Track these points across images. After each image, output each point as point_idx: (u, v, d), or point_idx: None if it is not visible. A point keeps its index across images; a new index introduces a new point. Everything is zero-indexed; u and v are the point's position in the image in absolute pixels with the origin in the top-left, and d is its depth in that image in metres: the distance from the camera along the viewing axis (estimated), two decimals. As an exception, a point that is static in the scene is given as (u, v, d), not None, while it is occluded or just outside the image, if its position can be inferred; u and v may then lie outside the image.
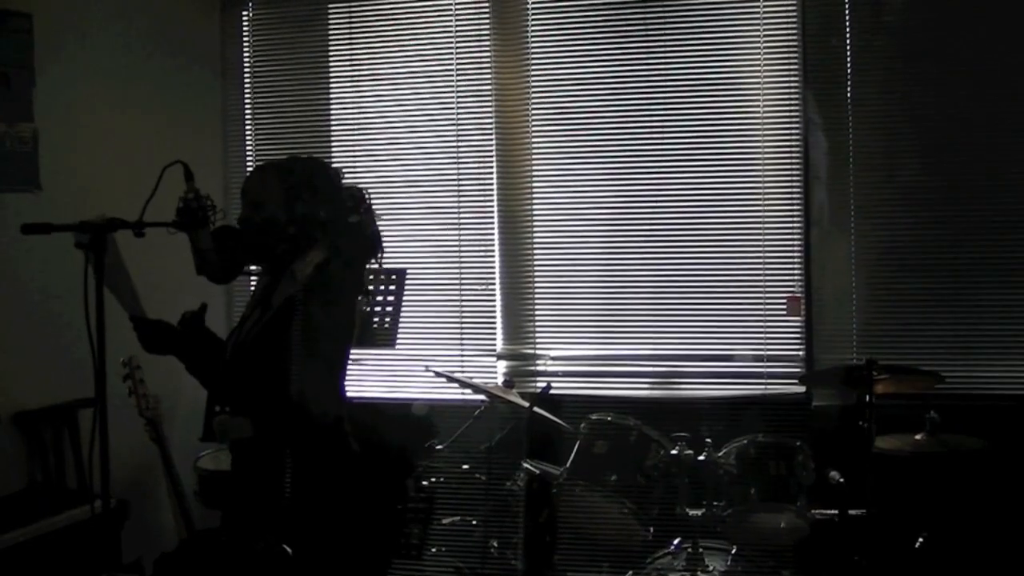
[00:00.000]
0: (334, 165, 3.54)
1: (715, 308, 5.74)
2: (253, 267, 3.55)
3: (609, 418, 5.08)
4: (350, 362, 3.44)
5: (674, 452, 4.88)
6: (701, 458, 4.89)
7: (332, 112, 6.34)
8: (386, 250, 3.48)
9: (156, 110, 5.88)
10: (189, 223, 3.18)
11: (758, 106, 5.65)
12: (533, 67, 5.96)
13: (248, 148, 6.49)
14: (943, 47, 5.42)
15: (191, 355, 3.35)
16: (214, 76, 6.44)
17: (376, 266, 3.44)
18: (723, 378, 5.71)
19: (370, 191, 3.49)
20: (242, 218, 3.40)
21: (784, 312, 5.64)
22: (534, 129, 5.96)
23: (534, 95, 5.96)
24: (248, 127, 6.49)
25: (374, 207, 3.45)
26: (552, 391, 5.38)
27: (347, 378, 3.43)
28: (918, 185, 5.47)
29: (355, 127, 6.28)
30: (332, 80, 6.34)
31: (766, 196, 5.66)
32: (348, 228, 3.37)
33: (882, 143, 5.53)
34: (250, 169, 6.39)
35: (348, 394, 3.45)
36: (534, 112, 5.97)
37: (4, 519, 4.58)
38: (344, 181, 3.46)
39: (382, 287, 5.05)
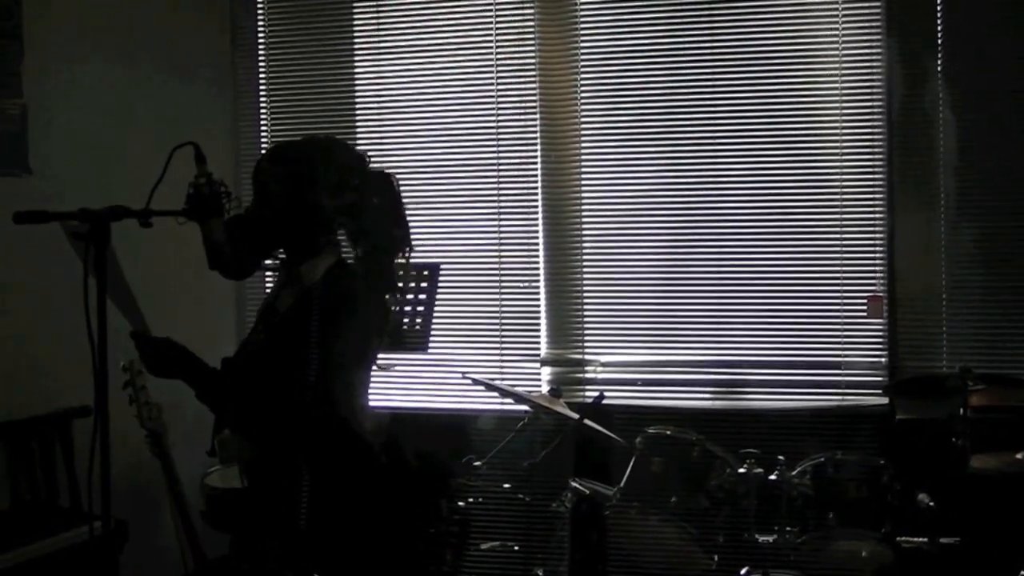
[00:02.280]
0: (358, 147, 3.50)
1: (786, 309, 5.70)
2: (272, 262, 3.51)
3: (668, 432, 5.05)
4: (375, 368, 3.39)
5: (741, 470, 4.85)
6: (772, 477, 4.85)
7: (357, 88, 6.33)
8: (418, 244, 3.43)
9: (160, 84, 5.88)
10: (201, 212, 3.14)
11: (835, 81, 5.59)
12: (582, 40, 5.92)
13: (262, 128, 6.50)
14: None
15: (205, 379, 3.29)
16: (225, 47, 6.44)
17: (404, 261, 3.40)
18: (796, 388, 5.67)
19: (399, 177, 3.44)
20: (251, 207, 3.36)
21: (864, 314, 5.59)
22: (583, 109, 5.93)
23: (583, 70, 5.93)
24: (263, 104, 6.49)
25: (403, 194, 3.40)
26: (604, 401, 5.34)
27: (373, 386, 3.39)
28: (1017, 170, 5.39)
29: (382, 106, 6.27)
30: (357, 52, 6.33)
31: (843, 184, 5.61)
32: (374, 218, 3.33)
33: (975, 124, 5.45)
34: (263, 152, 6.41)
35: (375, 404, 3.41)
36: (583, 90, 5.93)
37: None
38: (370, 165, 3.41)
39: (412, 284, 5.03)
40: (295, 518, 3.21)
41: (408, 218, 3.43)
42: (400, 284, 3.40)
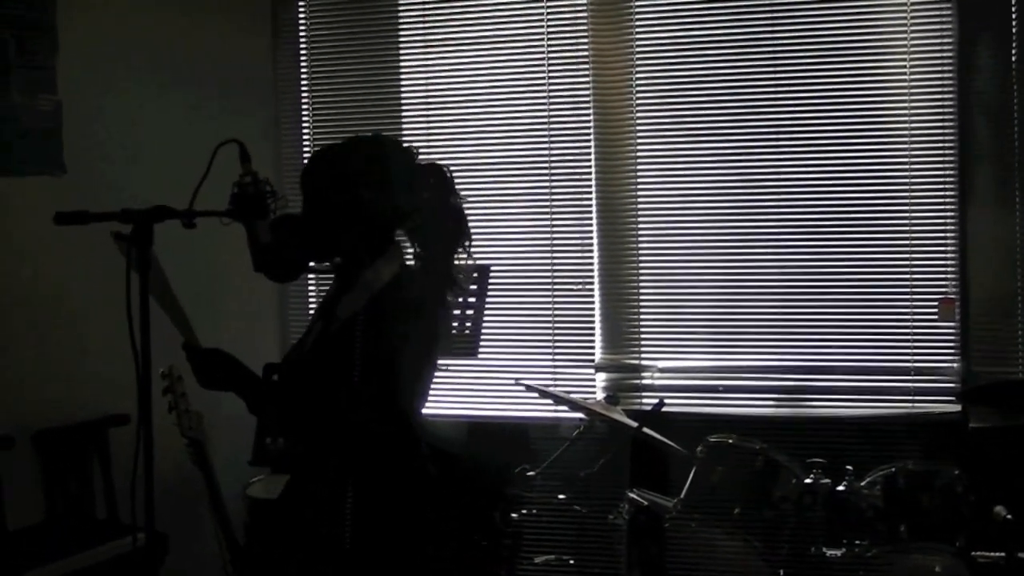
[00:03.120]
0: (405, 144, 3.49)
1: (854, 312, 5.65)
2: (324, 264, 3.51)
3: (730, 440, 5.02)
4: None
5: (808, 481, 4.81)
6: (840, 488, 4.81)
7: (402, 82, 6.33)
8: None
9: (198, 80, 5.90)
10: (246, 212, 3.14)
11: (904, 75, 5.54)
12: (637, 30, 5.90)
13: (304, 125, 6.51)
14: None
15: (258, 391, 3.29)
16: (266, 41, 6.46)
17: (465, 256, 3.39)
18: (864, 394, 5.62)
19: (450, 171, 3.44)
20: (305, 211, 3.36)
21: (935, 317, 5.54)
22: (638, 103, 5.91)
23: (638, 62, 5.90)
24: (304, 100, 6.50)
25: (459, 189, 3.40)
26: (664, 408, 5.32)
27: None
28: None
29: (428, 102, 6.26)
30: (402, 45, 6.33)
31: (912, 179, 5.56)
32: (432, 214, 3.32)
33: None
34: (306, 149, 6.42)
35: (426, 412, 3.41)
36: (638, 82, 5.91)
37: (21, 557, 4.59)
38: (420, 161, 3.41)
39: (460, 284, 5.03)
40: (341, 531, 3.22)
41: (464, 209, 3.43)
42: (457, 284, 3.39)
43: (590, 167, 5.98)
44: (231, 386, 3.21)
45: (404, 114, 6.31)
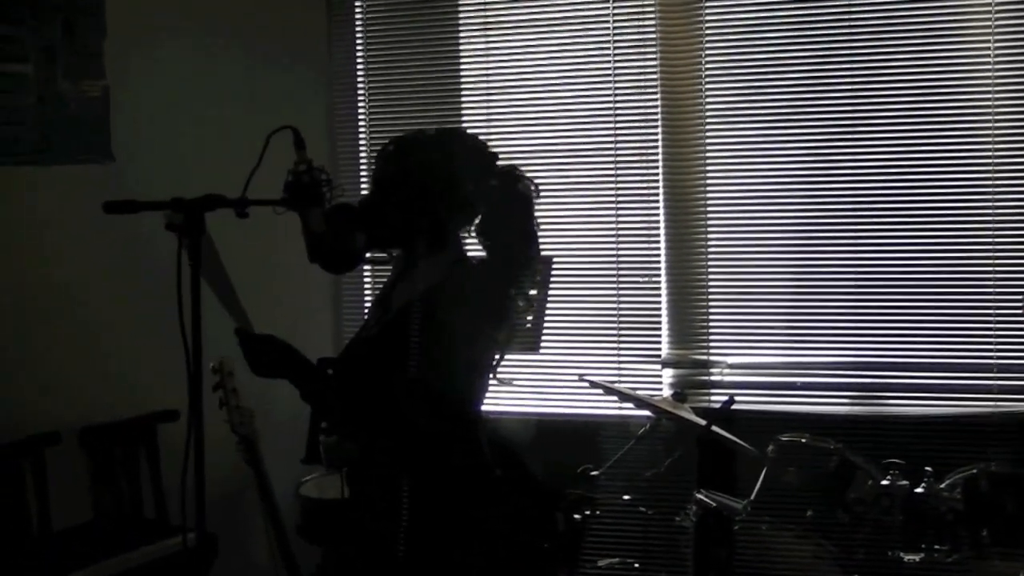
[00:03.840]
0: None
1: (934, 305, 5.60)
2: (375, 255, 3.52)
3: (803, 440, 5.01)
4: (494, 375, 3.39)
5: (885, 483, 4.79)
6: (919, 491, 4.77)
7: (462, 69, 6.34)
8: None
9: (251, 64, 5.93)
10: (301, 201, 3.15)
11: (987, 60, 5.47)
12: (707, 12, 5.86)
13: (360, 112, 6.52)
14: None
15: (312, 379, 3.30)
16: (321, 24, 6.47)
17: (535, 259, 3.39)
18: (945, 392, 5.56)
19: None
20: (371, 198, 3.37)
21: (1020, 312, 5.47)
22: (708, 88, 5.88)
23: (708, 45, 5.87)
24: (360, 85, 6.51)
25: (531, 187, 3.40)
26: (734, 406, 5.30)
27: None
28: None
29: (489, 87, 6.26)
30: (462, 30, 6.33)
31: (997, 170, 5.49)
32: (504, 214, 3.32)
33: None
34: (362, 137, 6.43)
35: (485, 408, 3.41)
36: (708, 67, 5.88)
37: (67, 557, 4.62)
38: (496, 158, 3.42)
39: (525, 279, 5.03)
40: (396, 530, 3.22)
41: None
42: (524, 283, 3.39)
43: (657, 154, 5.96)
44: (285, 372, 3.21)
45: (464, 99, 6.31)
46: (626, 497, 5.39)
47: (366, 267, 6.17)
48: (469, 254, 3.40)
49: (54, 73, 4.99)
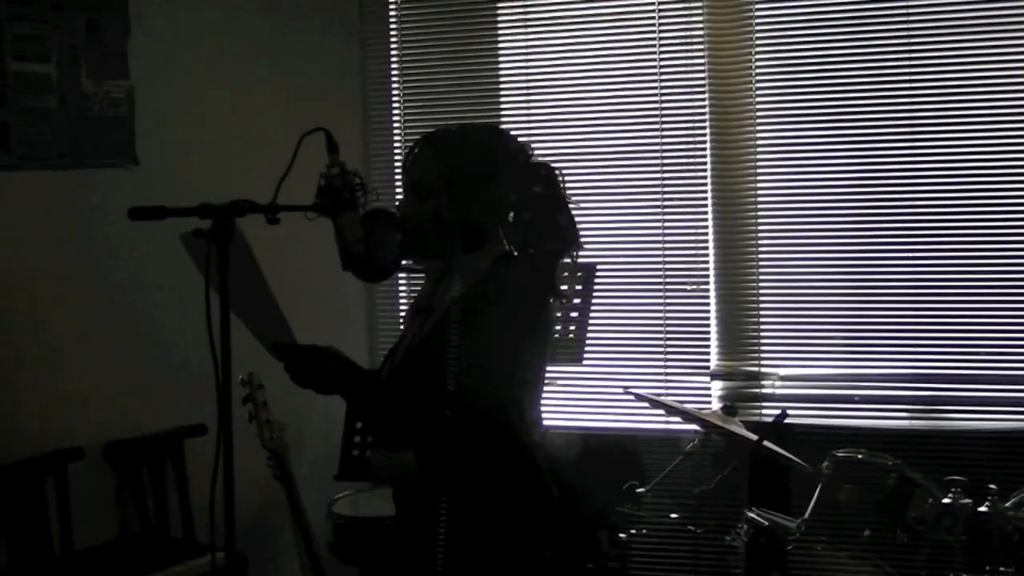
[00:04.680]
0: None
1: (996, 315, 5.58)
2: (411, 263, 3.52)
3: (860, 456, 4.97)
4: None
5: (946, 501, 4.73)
6: (982, 509, 4.71)
7: (501, 65, 6.34)
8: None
9: (281, 64, 5.95)
10: (334, 206, 3.15)
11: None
12: (757, 8, 5.85)
13: (395, 113, 6.53)
14: None
15: (363, 387, 3.29)
16: (353, 21, 6.50)
17: (571, 262, 3.38)
18: (1009, 406, 5.55)
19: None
20: (403, 204, 3.37)
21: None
22: (759, 87, 5.87)
23: (759, 43, 5.86)
24: (395, 85, 6.53)
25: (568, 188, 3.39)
26: (786, 420, 5.28)
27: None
28: None
29: (529, 86, 6.27)
30: (500, 27, 6.34)
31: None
32: (541, 213, 3.32)
33: None
34: (397, 139, 6.44)
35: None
36: (759, 65, 5.87)
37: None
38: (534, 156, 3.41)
39: (565, 287, 5.02)
40: (441, 551, 3.21)
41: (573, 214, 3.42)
42: (563, 287, 3.38)
43: (705, 156, 5.96)
44: (333, 383, 3.19)
45: (503, 99, 6.32)
46: (673, 515, 5.39)
47: (401, 275, 6.18)
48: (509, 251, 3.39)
49: (77, 74, 5.01)
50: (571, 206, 3.38)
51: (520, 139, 3.44)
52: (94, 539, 5.03)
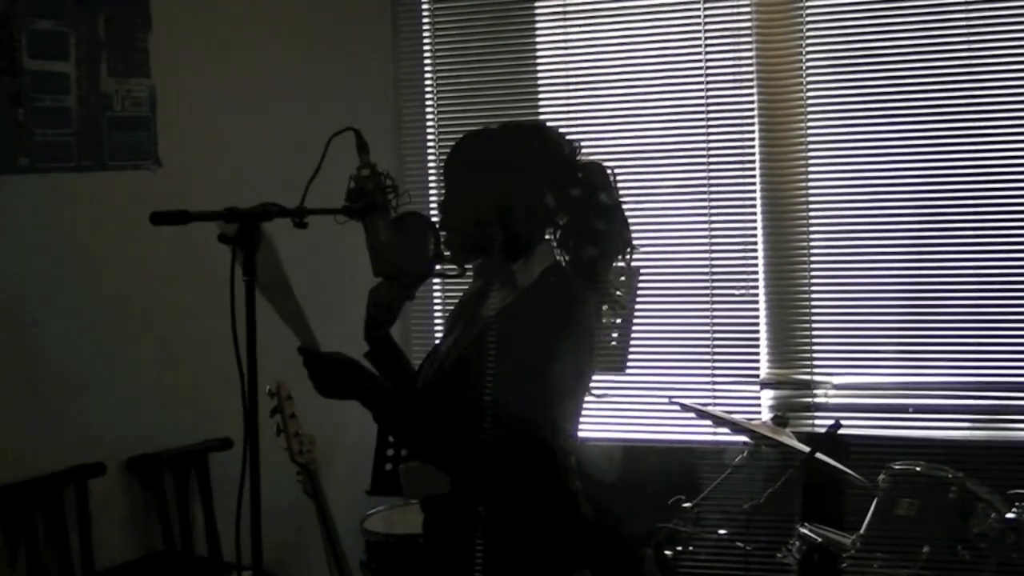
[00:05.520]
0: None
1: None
2: (448, 269, 3.51)
3: (919, 468, 4.95)
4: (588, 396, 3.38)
5: (1010, 515, 4.71)
6: (1049, 524, 4.72)
7: (539, 62, 6.35)
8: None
9: (309, 60, 5.97)
10: (365, 209, 3.15)
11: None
12: (808, -2, 5.85)
13: (428, 110, 6.55)
14: None
15: (388, 399, 3.29)
16: (384, 15, 6.52)
17: (623, 266, 3.37)
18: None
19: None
20: (444, 204, 3.36)
21: None
22: (809, 82, 5.86)
23: (809, 35, 5.85)
24: (428, 81, 6.54)
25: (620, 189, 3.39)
26: (840, 430, 5.27)
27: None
28: None
29: (568, 82, 6.27)
30: (538, 19, 6.34)
31: None
32: (593, 215, 3.31)
33: None
34: (430, 139, 6.45)
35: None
36: (809, 58, 5.86)
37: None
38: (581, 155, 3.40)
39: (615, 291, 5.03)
40: (474, 569, 3.21)
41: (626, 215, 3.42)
42: (613, 292, 3.36)
43: (753, 153, 5.95)
44: (356, 393, 3.19)
45: (541, 97, 6.32)
46: (722, 531, 5.38)
47: (436, 281, 6.18)
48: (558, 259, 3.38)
49: (98, 72, 5.03)
50: (619, 204, 3.37)
51: (568, 138, 3.43)
52: (116, 558, 5.05)
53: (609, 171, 3.37)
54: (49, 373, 4.80)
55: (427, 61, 6.51)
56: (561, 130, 3.38)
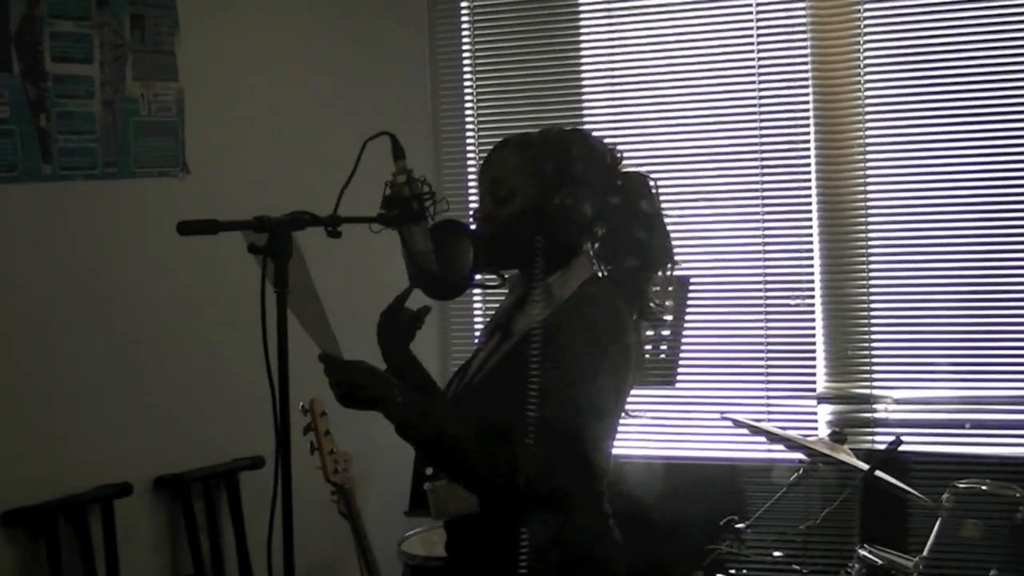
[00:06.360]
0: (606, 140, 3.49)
1: None
2: (488, 278, 3.52)
3: (984, 487, 4.94)
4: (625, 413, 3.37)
5: (1082, 537, 4.71)
6: (1122, 547, 4.70)
7: (583, 62, 6.36)
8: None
9: (342, 62, 5.99)
10: (401, 217, 3.16)
11: None
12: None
13: (467, 114, 6.57)
14: None
15: (412, 412, 3.29)
16: (421, 14, 6.53)
17: (664, 278, 3.37)
18: None
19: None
20: (480, 212, 3.37)
21: None
22: (868, 80, 5.84)
23: (868, 27, 5.83)
24: (467, 83, 6.56)
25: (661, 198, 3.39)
26: (901, 447, 5.25)
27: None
28: None
29: (613, 83, 6.29)
30: (582, 18, 6.35)
31: None
32: (634, 225, 3.31)
33: None
34: (469, 143, 6.46)
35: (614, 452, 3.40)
36: (867, 52, 5.84)
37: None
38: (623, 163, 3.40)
39: (656, 303, 5.01)
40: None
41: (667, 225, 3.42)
42: (654, 304, 3.36)
43: (809, 156, 5.94)
44: (378, 404, 3.19)
45: (585, 98, 6.32)
46: (777, 554, 5.37)
47: (476, 291, 6.19)
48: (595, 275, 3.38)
49: (124, 76, 5.05)
50: (661, 213, 3.38)
51: (609, 145, 3.44)
52: (150, 582, 5.08)
53: (652, 181, 3.37)
54: (71, 389, 4.81)
55: (466, 61, 6.52)
56: (606, 134, 3.40)
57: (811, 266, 5.96)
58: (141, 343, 5.07)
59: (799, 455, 5.22)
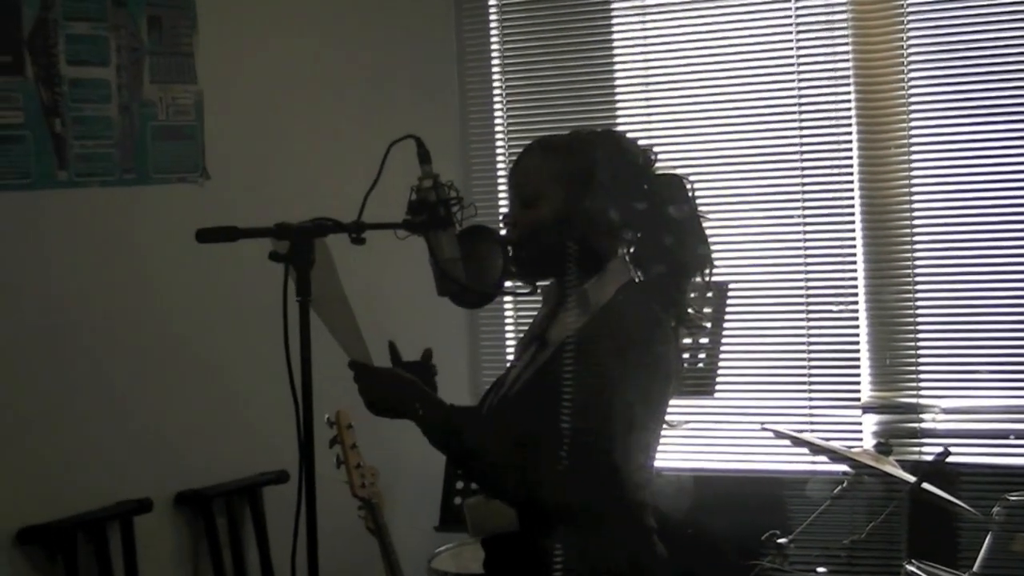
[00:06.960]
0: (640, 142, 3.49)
1: None
2: (518, 286, 3.52)
3: (1035, 500, 4.91)
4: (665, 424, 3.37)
5: None
6: None
7: (615, 61, 6.35)
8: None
9: (366, 64, 5.99)
10: (427, 223, 3.16)
11: None
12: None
13: (496, 116, 6.57)
14: None
15: (444, 420, 3.29)
16: (448, 14, 6.54)
17: (703, 283, 3.37)
18: None
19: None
20: (509, 218, 3.37)
21: None
22: (912, 76, 5.82)
23: (911, 22, 5.81)
24: (496, 84, 6.56)
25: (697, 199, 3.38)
26: (950, 458, 5.24)
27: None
28: None
29: (647, 83, 6.28)
30: (615, 14, 6.35)
31: None
32: (670, 229, 3.31)
33: None
34: (499, 146, 6.45)
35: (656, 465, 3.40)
36: (912, 49, 5.82)
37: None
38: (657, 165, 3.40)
39: (694, 310, 5.01)
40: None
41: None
42: (690, 310, 3.36)
43: (851, 157, 5.93)
44: (409, 412, 3.20)
45: (618, 99, 6.32)
46: (821, 570, 5.34)
47: (508, 299, 6.18)
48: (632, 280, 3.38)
49: (140, 78, 5.06)
50: (697, 217, 3.37)
51: (643, 146, 3.43)
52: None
53: (687, 183, 3.36)
54: (88, 402, 4.82)
55: (495, 62, 6.52)
56: (640, 135, 3.39)
57: (854, 270, 5.95)
58: (160, 354, 5.08)
59: (843, 467, 5.21)
